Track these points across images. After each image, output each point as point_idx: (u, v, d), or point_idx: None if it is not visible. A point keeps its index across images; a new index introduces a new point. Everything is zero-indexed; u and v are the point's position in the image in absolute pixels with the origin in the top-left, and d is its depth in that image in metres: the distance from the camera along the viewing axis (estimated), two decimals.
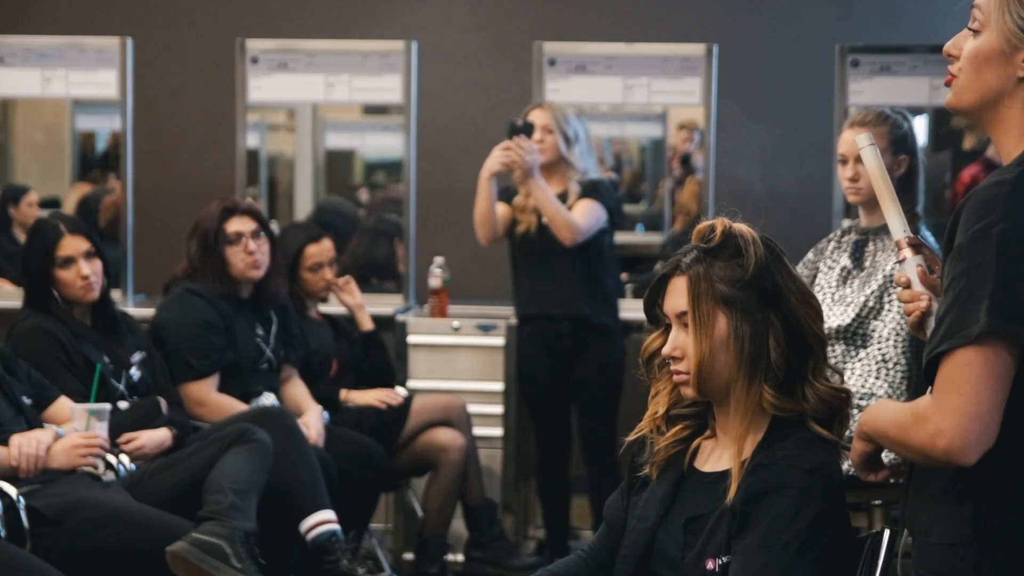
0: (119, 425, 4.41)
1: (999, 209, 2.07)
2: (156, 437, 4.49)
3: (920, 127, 6.16)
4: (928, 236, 3.97)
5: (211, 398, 4.89)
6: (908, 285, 2.40)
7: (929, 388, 2.14)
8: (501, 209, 5.47)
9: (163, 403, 4.62)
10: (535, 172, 5.28)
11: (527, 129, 5.30)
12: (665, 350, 2.62)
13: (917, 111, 6.04)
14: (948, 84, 2.26)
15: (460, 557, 5.62)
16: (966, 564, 2.14)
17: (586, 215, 5.36)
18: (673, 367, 2.60)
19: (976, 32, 2.21)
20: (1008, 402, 2.09)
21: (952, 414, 2.07)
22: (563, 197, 5.40)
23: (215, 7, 7.27)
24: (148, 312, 5.30)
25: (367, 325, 5.58)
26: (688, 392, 2.59)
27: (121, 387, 4.56)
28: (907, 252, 2.42)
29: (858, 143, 2.50)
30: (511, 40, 6.95)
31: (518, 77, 6.60)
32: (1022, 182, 2.10)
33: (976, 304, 2.06)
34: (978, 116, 2.26)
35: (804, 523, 2.41)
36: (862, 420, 2.34)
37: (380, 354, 5.59)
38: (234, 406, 4.85)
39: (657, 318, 2.68)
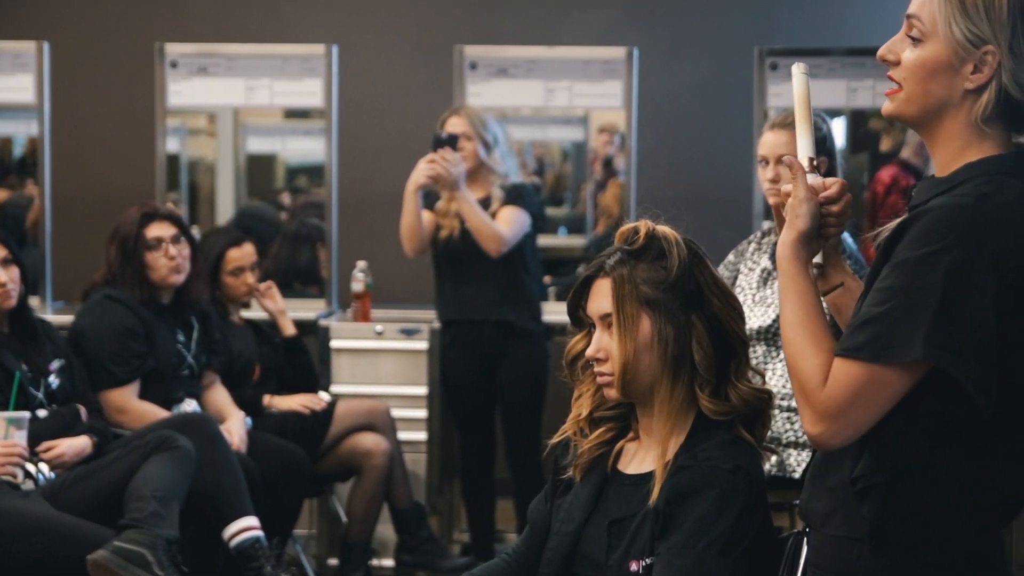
0: (38, 433, 4.36)
1: (953, 235, 2.04)
2: (76, 445, 4.44)
3: (838, 129, 6.22)
4: (847, 238, 4.00)
5: (132, 405, 4.84)
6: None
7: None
8: (425, 217, 5.46)
9: (83, 411, 4.58)
10: (461, 184, 5.28)
11: (451, 141, 5.29)
12: (589, 352, 2.62)
13: (835, 113, 6.10)
14: (890, 95, 2.21)
15: (389, 562, 5.61)
16: (861, 563, 2.16)
17: (511, 224, 5.36)
18: (597, 369, 2.61)
19: (917, 40, 2.16)
20: (916, 413, 2.11)
21: (834, 413, 2.09)
22: (486, 202, 5.40)
23: (133, 11, 7.20)
24: (67, 319, 5.25)
25: (289, 330, 5.55)
26: (612, 394, 2.60)
27: (40, 395, 4.50)
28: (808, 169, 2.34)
29: (794, 71, 2.44)
30: (432, 44, 6.95)
31: (439, 81, 6.59)
32: (980, 210, 2.05)
33: (911, 327, 2.04)
34: (918, 126, 2.22)
35: (727, 523, 2.43)
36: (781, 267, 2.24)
37: (303, 359, 5.57)
38: (155, 413, 4.81)
39: (581, 320, 2.69)
